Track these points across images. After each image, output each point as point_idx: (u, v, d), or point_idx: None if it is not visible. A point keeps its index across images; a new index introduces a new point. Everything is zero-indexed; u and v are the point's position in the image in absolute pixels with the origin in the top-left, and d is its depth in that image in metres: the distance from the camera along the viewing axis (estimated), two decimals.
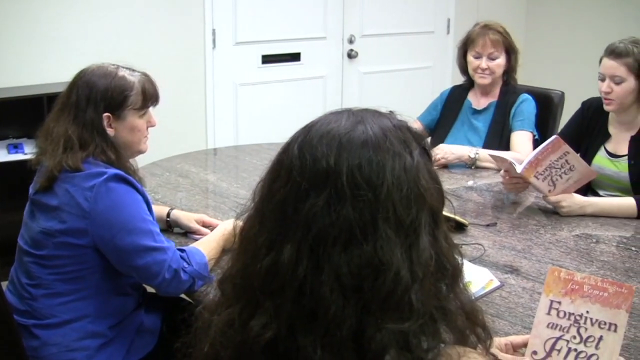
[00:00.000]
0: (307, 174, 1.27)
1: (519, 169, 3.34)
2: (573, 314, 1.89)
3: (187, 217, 3.06)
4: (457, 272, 1.34)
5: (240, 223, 1.41)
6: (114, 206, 2.47)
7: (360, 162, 1.26)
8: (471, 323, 1.36)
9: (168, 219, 3.05)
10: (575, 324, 1.87)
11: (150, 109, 2.73)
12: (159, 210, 3.03)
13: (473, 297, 1.43)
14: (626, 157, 3.68)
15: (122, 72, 2.65)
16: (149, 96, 2.69)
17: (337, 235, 1.23)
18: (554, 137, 3.35)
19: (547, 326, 1.91)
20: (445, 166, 4.13)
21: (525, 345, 1.95)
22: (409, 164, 1.28)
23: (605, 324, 1.84)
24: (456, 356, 1.28)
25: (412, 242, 1.25)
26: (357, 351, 1.23)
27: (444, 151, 4.11)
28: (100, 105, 2.57)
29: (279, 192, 1.30)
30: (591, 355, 1.84)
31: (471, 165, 4.10)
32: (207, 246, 2.72)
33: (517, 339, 2.01)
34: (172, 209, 3.09)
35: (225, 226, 2.86)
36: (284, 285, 1.27)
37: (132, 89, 2.63)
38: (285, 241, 1.28)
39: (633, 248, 3.04)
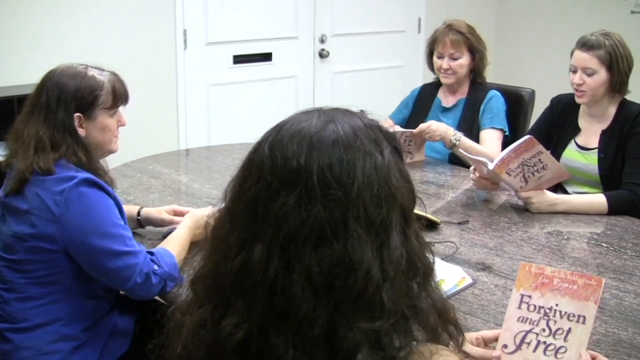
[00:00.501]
0: (278, 173, 1.27)
1: (491, 165, 3.36)
2: (543, 307, 1.90)
3: (157, 211, 3.07)
4: (428, 270, 1.34)
5: (210, 217, 1.41)
6: (84, 211, 2.45)
7: (331, 161, 1.26)
8: (443, 321, 1.36)
9: (139, 217, 3.05)
10: (545, 317, 1.89)
11: (120, 108, 2.73)
12: (129, 210, 3.02)
13: (445, 295, 1.43)
14: (596, 150, 3.72)
15: (92, 72, 2.64)
16: (119, 95, 2.68)
17: (308, 235, 1.23)
18: (527, 137, 3.36)
19: (518, 320, 1.92)
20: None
21: (496, 339, 1.96)
22: (379, 163, 1.28)
23: (574, 316, 1.85)
24: (428, 354, 1.29)
25: (383, 241, 1.25)
26: (329, 350, 1.24)
27: (435, 125, 4.11)
28: (71, 105, 2.56)
29: (250, 191, 1.30)
30: (560, 347, 1.85)
31: (451, 147, 4.12)
32: (175, 246, 2.72)
33: (488, 333, 2.02)
34: (142, 207, 3.09)
35: (191, 219, 2.86)
36: (255, 284, 1.27)
37: (102, 89, 2.62)
38: (256, 240, 1.27)
39: (604, 244, 3.06)
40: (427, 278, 1.34)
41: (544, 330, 1.88)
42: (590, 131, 3.78)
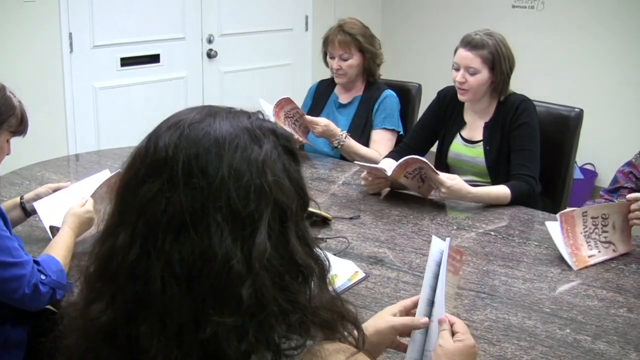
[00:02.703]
0: (148, 161, 1.29)
1: (389, 172, 3.41)
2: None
3: (38, 191, 3.07)
4: (310, 271, 1.33)
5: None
6: None
7: (198, 151, 1.27)
8: (338, 317, 1.36)
9: (22, 200, 3.03)
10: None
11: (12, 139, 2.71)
12: (11, 202, 2.98)
13: (339, 290, 1.43)
14: (481, 142, 3.80)
15: (9, 93, 2.62)
16: (24, 125, 2.69)
17: (169, 222, 1.25)
18: (409, 157, 3.39)
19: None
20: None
21: (415, 305, 1.92)
22: (254, 156, 1.29)
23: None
24: (319, 353, 1.29)
25: (249, 235, 1.25)
26: (198, 342, 1.24)
27: (324, 126, 4.17)
28: None
29: (123, 179, 1.33)
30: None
31: (335, 147, 4.19)
32: (59, 251, 2.67)
33: (406, 301, 1.91)
34: (22, 195, 3.06)
35: (72, 218, 2.83)
36: (118, 270, 1.28)
37: (14, 111, 2.61)
38: (122, 226, 1.29)
39: (492, 233, 3.14)
40: (309, 277, 1.33)
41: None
42: (475, 125, 3.86)
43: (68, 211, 2.86)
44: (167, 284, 1.24)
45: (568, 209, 2.98)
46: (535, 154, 3.67)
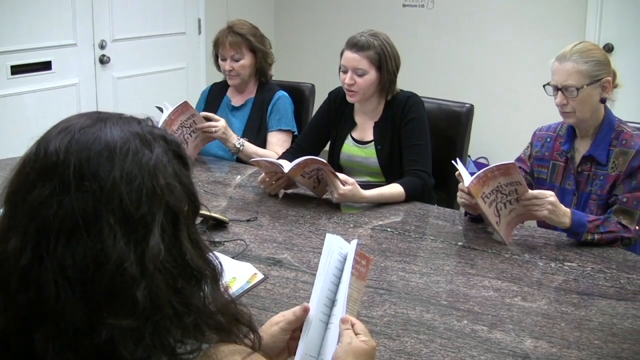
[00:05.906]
0: (38, 165, 1.28)
1: (286, 169, 3.42)
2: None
3: None
4: (203, 273, 1.34)
5: None
6: None
7: (89, 154, 1.26)
8: (233, 321, 1.37)
9: None
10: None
11: None
12: None
13: (238, 293, 1.43)
14: (373, 143, 3.83)
15: None
16: None
17: (61, 226, 1.23)
18: (309, 158, 3.41)
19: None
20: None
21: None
22: (145, 160, 1.29)
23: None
24: (215, 355, 1.30)
25: (142, 237, 1.25)
26: (94, 346, 1.23)
27: (223, 128, 4.13)
28: None
29: (12, 185, 1.31)
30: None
31: (234, 153, 4.18)
32: None
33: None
34: None
35: None
36: (9, 276, 1.26)
37: None
38: (13, 232, 1.27)
39: (389, 229, 3.17)
40: (202, 280, 1.34)
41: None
42: (365, 125, 3.89)
43: None
44: (61, 289, 1.22)
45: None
46: (426, 148, 3.72)
